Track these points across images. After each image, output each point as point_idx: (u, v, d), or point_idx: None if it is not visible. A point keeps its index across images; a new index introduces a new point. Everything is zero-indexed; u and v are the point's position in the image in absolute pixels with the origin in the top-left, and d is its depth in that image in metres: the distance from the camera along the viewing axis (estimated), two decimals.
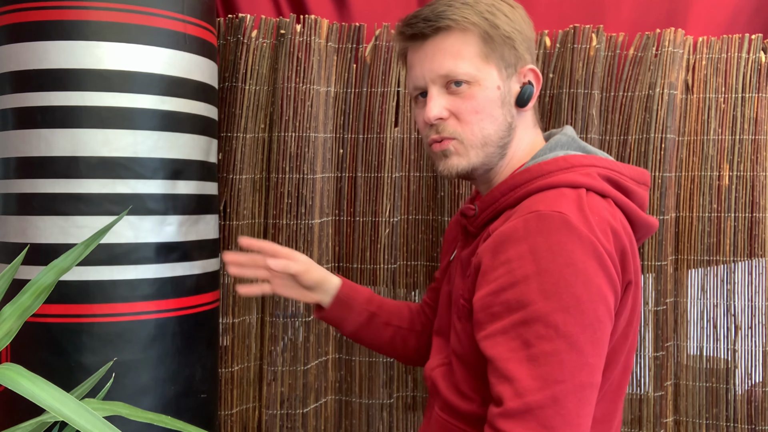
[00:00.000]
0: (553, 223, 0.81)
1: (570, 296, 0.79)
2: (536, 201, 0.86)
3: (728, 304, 1.69)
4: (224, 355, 1.65)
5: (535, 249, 0.80)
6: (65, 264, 0.95)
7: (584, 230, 0.81)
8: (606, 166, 0.92)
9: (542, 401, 0.77)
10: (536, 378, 0.78)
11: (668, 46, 1.63)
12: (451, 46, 0.94)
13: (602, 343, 0.82)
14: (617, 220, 0.87)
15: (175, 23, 1.21)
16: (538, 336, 0.78)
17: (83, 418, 0.77)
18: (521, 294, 0.80)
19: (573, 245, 0.80)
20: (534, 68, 0.97)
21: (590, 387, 0.80)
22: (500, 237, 0.84)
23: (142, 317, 1.18)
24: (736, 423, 1.68)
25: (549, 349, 0.78)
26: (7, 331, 0.90)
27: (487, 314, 0.83)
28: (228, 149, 1.62)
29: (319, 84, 1.65)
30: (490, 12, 0.94)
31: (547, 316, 0.78)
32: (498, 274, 0.83)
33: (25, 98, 1.17)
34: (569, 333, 0.78)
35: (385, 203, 1.69)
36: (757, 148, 1.65)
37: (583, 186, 0.88)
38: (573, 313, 0.79)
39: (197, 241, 1.27)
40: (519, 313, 0.80)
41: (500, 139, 0.96)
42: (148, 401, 1.18)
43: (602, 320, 0.81)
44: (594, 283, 0.80)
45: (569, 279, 0.79)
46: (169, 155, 1.21)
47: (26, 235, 1.17)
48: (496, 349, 0.81)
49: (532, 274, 0.80)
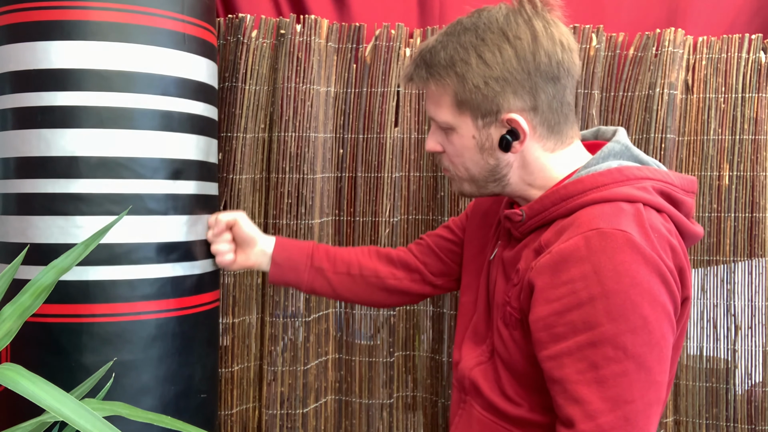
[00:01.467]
0: (616, 243, 0.81)
1: (637, 317, 0.79)
2: (595, 216, 0.85)
3: (728, 304, 1.69)
4: (224, 355, 1.65)
5: (599, 269, 0.80)
6: (65, 264, 0.95)
7: (648, 249, 0.81)
8: (659, 178, 0.91)
9: (614, 422, 0.78)
10: (607, 400, 0.79)
11: (668, 46, 1.63)
12: (432, 94, 0.96)
13: (667, 360, 0.83)
14: (674, 236, 0.87)
15: (175, 23, 1.21)
16: (606, 358, 0.79)
17: (83, 418, 0.77)
18: (587, 315, 0.80)
19: (638, 265, 0.80)
20: (515, 117, 0.91)
21: (657, 403, 0.82)
22: (560, 255, 0.84)
23: (142, 317, 1.18)
24: (736, 423, 1.68)
25: (618, 370, 0.79)
26: (7, 331, 0.90)
27: (549, 334, 0.83)
28: (228, 149, 1.62)
29: (319, 84, 1.65)
30: (463, 61, 0.91)
31: (615, 337, 0.79)
32: (560, 294, 0.83)
33: (25, 98, 1.17)
34: (638, 354, 0.79)
35: (385, 203, 1.69)
36: (757, 148, 1.65)
37: (640, 201, 0.87)
38: (640, 333, 0.79)
39: (197, 241, 1.27)
40: (585, 335, 0.80)
41: (486, 178, 0.97)
42: (148, 401, 1.18)
43: (667, 337, 0.82)
44: (659, 302, 0.81)
45: (636, 299, 0.79)
46: (169, 155, 1.21)
47: (26, 235, 1.17)
48: (563, 371, 0.82)
49: (598, 295, 0.80)
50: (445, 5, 1.70)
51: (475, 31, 0.91)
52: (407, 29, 1.69)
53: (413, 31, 1.69)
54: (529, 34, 0.90)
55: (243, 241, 1.25)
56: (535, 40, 0.90)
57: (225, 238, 1.25)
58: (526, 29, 0.90)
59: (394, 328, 1.72)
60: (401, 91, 1.68)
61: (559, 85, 0.93)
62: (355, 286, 1.26)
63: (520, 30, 0.90)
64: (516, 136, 0.93)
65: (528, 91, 0.91)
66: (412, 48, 1.68)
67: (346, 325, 1.73)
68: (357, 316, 1.73)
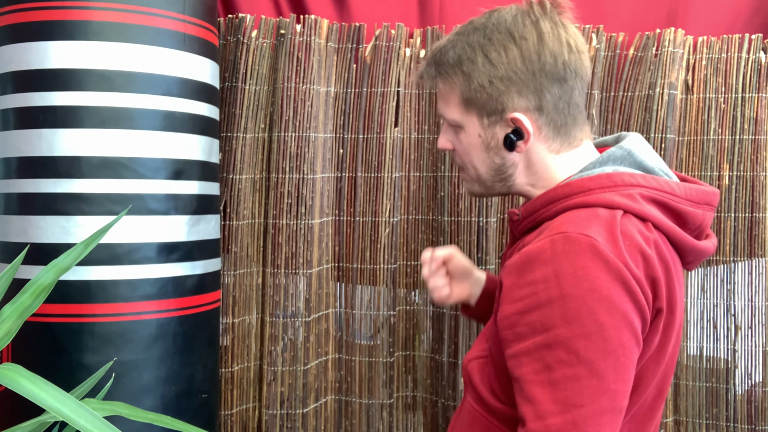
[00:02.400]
0: (579, 247, 0.81)
1: (592, 322, 0.79)
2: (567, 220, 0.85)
3: (728, 304, 1.69)
4: (224, 355, 1.65)
5: (559, 272, 0.81)
6: (65, 263, 0.95)
7: (611, 256, 0.80)
8: (654, 186, 0.89)
9: (562, 425, 0.78)
10: (557, 402, 0.79)
11: (668, 46, 1.63)
12: (442, 91, 0.98)
13: (626, 369, 0.82)
14: (652, 246, 0.86)
15: (176, 23, 1.21)
16: (559, 360, 0.79)
17: (83, 418, 0.77)
18: (545, 317, 0.81)
19: (598, 270, 0.80)
20: (518, 117, 0.92)
21: (612, 412, 0.80)
22: (527, 256, 0.84)
23: (143, 317, 1.18)
24: (736, 423, 1.68)
25: (570, 374, 0.79)
26: (7, 330, 0.90)
27: (512, 333, 0.84)
28: (228, 149, 1.62)
29: (319, 84, 1.65)
30: (470, 60, 0.92)
31: (568, 341, 0.79)
32: (523, 294, 0.83)
33: (26, 98, 1.17)
34: (590, 359, 0.79)
35: (385, 203, 1.69)
36: (757, 148, 1.65)
37: (620, 207, 0.86)
38: (595, 339, 0.79)
39: (198, 241, 1.27)
40: (542, 336, 0.81)
41: (492, 177, 0.98)
42: (149, 401, 1.18)
43: (626, 346, 0.81)
44: (619, 310, 0.80)
45: (592, 305, 0.79)
46: (170, 155, 1.21)
47: (28, 235, 1.17)
48: (521, 370, 0.82)
49: (556, 297, 0.80)
50: (445, 5, 1.70)
51: (483, 31, 0.93)
52: (407, 29, 1.69)
53: (413, 31, 1.69)
54: (535, 35, 0.91)
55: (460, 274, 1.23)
56: (540, 40, 0.91)
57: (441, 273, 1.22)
58: (532, 30, 0.91)
59: (394, 328, 1.72)
60: (401, 91, 1.68)
61: (566, 86, 0.93)
62: None
63: (526, 30, 0.91)
64: (520, 135, 0.93)
65: (533, 91, 0.92)
66: (412, 48, 1.68)
67: (346, 325, 1.73)
68: (357, 316, 1.73)
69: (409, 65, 1.68)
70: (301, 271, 1.65)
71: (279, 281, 1.65)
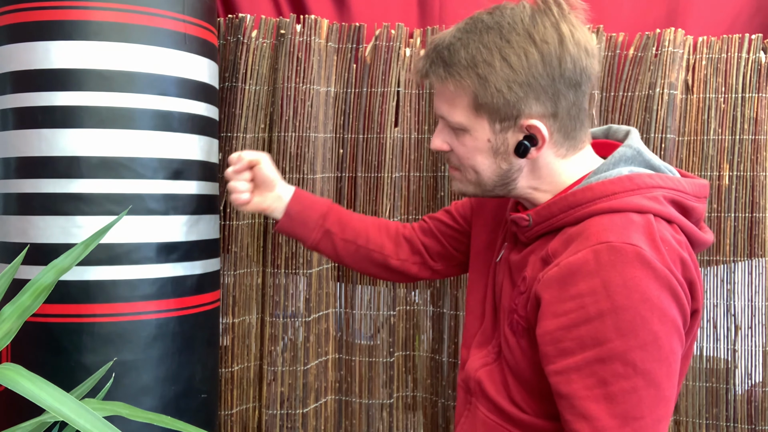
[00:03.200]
0: (626, 257, 0.79)
1: (647, 332, 0.78)
2: (604, 228, 0.83)
3: (728, 304, 1.69)
4: (224, 355, 1.65)
5: (608, 284, 0.79)
6: (65, 264, 0.95)
7: (658, 264, 0.79)
8: (671, 186, 0.89)
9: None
10: (615, 416, 0.78)
11: (668, 46, 1.63)
12: (447, 92, 0.92)
13: (676, 374, 0.82)
14: (684, 249, 0.85)
15: (176, 23, 1.21)
16: (615, 374, 0.78)
17: (83, 418, 0.77)
18: (596, 331, 0.79)
19: (648, 280, 0.79)
20: (535, 124, 0.88)
21: (666, 418, 0.81)
22: (569, 269, 0.82)
23: (143, 317, 1.18)
24: (736, 423, 1.68)
25: (627, 386, 0.78)
26: (7, 331, 0.90)
27: (557, 349, 0.82)
28: (228, 149, 1.62)
29: (319, 84, 1.65)
30: (486, 63, 0.87)
31: (624, 354, 0.78)
32: (568, 308, 0.81)
33: (26, 98, 1.17)
34: (647, 369, 0.78)
35: (385, 203, 1.69)
36: (757, 148, 1.65)
37: (650, 212, 0.85)
38: (650, 349, 0.79)
39: (198, 241, 1.27)
40: (594, 351, 0.79)
41: (495, 182, 0.94)
42: (149, 401, 1.18)
43: (676, 352, 0.81)
44: (669, 317, 0.80)
45: (645, 315, 0.78)
46: (169, 155, 1.21)
47: (27, 235, 1.17)
48: (570, 387, 0.81)
49: (607, 310, 0.79)
50: (445, 5, 1.70)
51: (499, 30, 0.87)
52: (407, 29, 1.69)
53: (413, 31, 1.69)
54: (556, 38, 0.87)
55: (262, 183, 1.21)
56: (561, 44, 0.87)
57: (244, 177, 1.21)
58: (553, 32, 0.87)
59: (394, 328, 1.72)
60: (401, 91, 1.68)
61: (580, 91, 0.90)
62: (358, 256, 1.25)
63: (547, 33, 0.87)
64: (534, 142, 0.90)
65: (550, 98, 0.88)
66: (412, 48, 1.68)
67: (346, 325, 1.73)
68: (357, 316, 1.73)
69: (409, 65, 1.68)
70: (301, 271, 1.65)
71: (279, 281, 1.65)
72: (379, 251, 1.24)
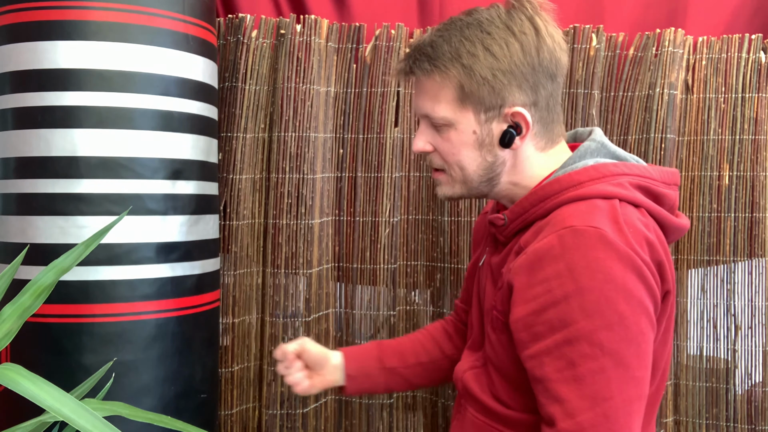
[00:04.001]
0: (589, 240, 0.81)
1: (612, 312, 0.79)
2: (569, 215, 0.85)
3: (728, 304, 1.69)
4: (224, 355, 1.65)
5: (573, 267, 0.80)
6: (65, 264, 0.95)
7: (621, 245, 0.81)
8: (637, 173, 0.91)
9: (593, 420, 0.78)
10: (585, 397, 0.79)
11: (668, 46, 1.63)
12: (430, 88, 0.94)
13: (647, 355, 0.82)
14: (651, 231, 0.87)
15: (176, 23, 1.21)
16: (583, 355, 0.79)
17: (83, 418, 0.77)
18: (563, 313, 0.80)
19: (611, 261, 0.80)
20: (520, 111, 0.92)
21: (638, 399, 0.81)
22: (536, 255, 0.84)
23: (143, 317, 1.18)
24: (736, 423, 1.68)
25: (595, 367, 0.79)
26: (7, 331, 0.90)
27: (529, 334, 0.83)
28: (228, 149, 1.62)
29: (319, 84, 1.65)
30: (470, 53, 0.90)
31: (590, 334, 0.79)
32: (537, 293, 0.83)
33: (25, 98, 1.17)
34: (614, 350, 0.79)
35: (385, 203, 1.69)
36: (757, 148, 1.65)
37: (615, 197, 0.87)
38: (617, 329, 0.79)
39: (197, 241, 1.27)
40: (562, 333, 0.80)
41: (480, 177, 0.96)
42: (148, 401, 1.18)
43: (645, 332, 0.82)
44: (635, 297, 0.81)
45: (610, 295, 0.79)
46: (169, 155, 1.21)
47: (26, 235, 1.17)
48: (543, 370, 0.82)
49: (573, 292, 0.80)
50: (445, 5, 1.70)
51: (478, 25, 0.92)
52: (407, 29, 1.69)
53: (413, 31, 1.69)
54: (532, 30, 0.91)
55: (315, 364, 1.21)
56: (538, 35, 0.91)
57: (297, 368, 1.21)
58: (529, 25, 0.91)
59: (394, 328, 1.71)
60: (401, 91, 1.68)
61: (555, 83, 0.94)
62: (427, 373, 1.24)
63: (524, 26, 0.91)
64: (518, 131, 0.93)
65: (531, 86, 0.92)
66: None
67: (346, 325, 1.73)
68: (357, 316, 1.73)
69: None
70: (301, 271, 1.65)
71: (279, 281, 1.65)
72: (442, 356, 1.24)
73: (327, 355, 1.21)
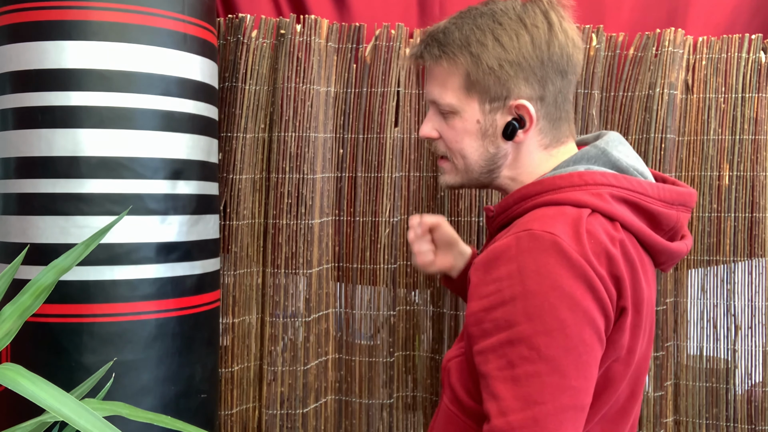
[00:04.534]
0: (543, 245, 0.81)
1: (553, 319, 0.79)
2: (533, 218, 0.86)
3: (728, 304, 1.69)
4: (224, 355, 1.65)
5: (523, 269, 0.81)
6: (66, 264, 0.95)
7: (574, 254, 0.80)
8: (626, 186, 0.89)
9: (523, 421, 0.78)
10: (518, 398, 0.79)
11: (668, 46, 1.63)
12: (439, 75, 0.95)
13: (588, 366, 0.82)
14: (617, 245, 0.85)
15: (176, 23, 1.21)
16: (521, 357, 0.79)
17: (83, 418, 0.77)
18: (508, 314, 0.81)
19: (561, 268, 0.80)
20: (525, 104, 0.92)
21: (573, 409, 0.80)
22: (493, 253, 0.85)
23: (143, 317, 1.18)
24: (736, 423, 1.68)
25: (531, 370, 0.79)
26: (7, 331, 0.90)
27: (479, 329, 0.84)
28: (228, 149, 1.62)
29: (319, 84, 1.65)
30: (479, 42, 0.91)
31: (530, 338, 0.79)
32: (489, 291, 0.83)
33: (25, 98, 1.17)
34: (551, 356, 0.79)
35: (385, 203, 1.69)
36: (757, 148, 1.65)
37: (588, 206, 0.86)
38: (556, 336, 0.79)
39: (198, 241, 1.27)
40: (506, 333, 0.81)
41: (481, 168, 0.96)
42: (148, 401, 1.18)
43: (588, 343, 0.81)
44: (580, 307, 0.80)
45: (554, 302, 0.79)
46: (169, 155, 1.21)
47: (27, 235, 1.17)
48: (486, 366, 0.82)
49: (519, 294, 0.80)
50: (445, 5, 1.70)
51: (492, 15, 0.92)
52: (407, 29, 1.69)
53: (413, 31, 1.69)
54: (545, 24, 0.92)
55: (445, 244, 1.25)
56: (550, 30, 0.92)
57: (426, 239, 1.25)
58: (543, 19, 0.92)
59: (394, 328, 1.72)
60: (401, 91, 1.68)
61: (566, 80, 0.94)
62: None
63: (537, 19, 0.92)
64: (522, 124, 0.93)
65: (538, 80, 0.92)
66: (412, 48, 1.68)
67: (346, 325, 1.73)
68: (357, 316, 1.73)
69: (409, 65, 1.68)
70: (301, 271, 1.65)
71: (279, 281, 1.65)
72: None
73: (457, 240, 1.25)
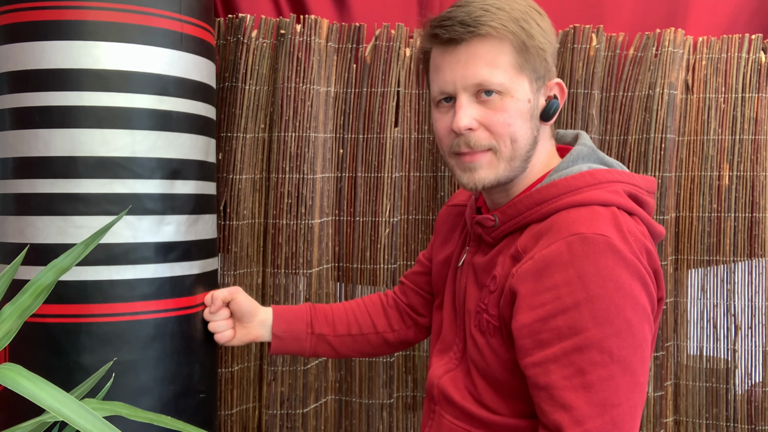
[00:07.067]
0: (598, 247, 0.81)
1: (622, 320, 0.80)
2: (574, 221, 0.85)
3: (728, 304, 1.69)
4: (224, 355, 1.65)
5: (583, 274, 0.80)
6: (65, 264, 0.95)
7: (628, 253, 0.81)
8: (628, 181, 0.92)
9: (602, 426, 0.79)
10: (594, 404, 0.79)
11: (668, 46, 1.63)
12: (486, 54, 0.89)
13: (647, 361, 0.84)
14: (648, 239, 0.88)
15: (173, 23, 1.21)
16: (592, 363, 0.79)
17: (83, 418, 0.77)
18: (573, 321, 0.80)
19: (620, 269, 0.81)
20: (560, 82, 0.94)
21: (641, 405, 0.82)
22: (543, 261, 0.83)
23: (141, 317, 1.18)
24: (736, 423, 1.67)
25: (605, 374, 0.79)
26: (7, 331, 0.90)
27: (534, 341, 0.83)
28: (228, 149, 1.62)
29: (319, 84, 1.65)
30: (524, 20, 0.89)
31: (601, 342, 0.79)
32: (544, 300, 0.82)
33: (22, 98, 1.17)
34: (623, 357, 0.80)
35: (385, 203, 1.69)
36: (757, 148, 1.65)
37: (613, 204, 0.88)
38: (625, 336, 0.80)
39: (196, 240, 1.27)
40: (571, 340, 0.80)
41: (526, 153, 0.93)
42: (148, 401, 1.18)
43: (648, 339, 0.83)
44: (640, 305, 0.82)
45: (619, 303, 0.80)
46: (167, 155, 1.21)
47: (25, 236, 1.17)
48: (549, 377, 0.82)
49: (583, 300, 0.80)
50: (445, 6, 1.70)
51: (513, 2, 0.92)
52: (407, 29, 1.69)
53: (413, 31, 1.69)
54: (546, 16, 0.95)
55: (242, 316, 1.22)
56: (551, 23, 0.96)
57: (222, 315, 1.22)
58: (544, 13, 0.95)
59: None
60: (401, 91, 1.68)
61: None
62: (356, 345, 1.25)
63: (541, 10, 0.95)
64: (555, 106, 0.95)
65: (556, 64, 0.96)
66: (413, 48, 1.68)
67: None
68: None
69: (409, 65, 1.68)
70: (301, 271, 1.65)
71: (279, 281, 1.65)
72: (373, 332, 1.25)
73: (256, 309, 1.22)
